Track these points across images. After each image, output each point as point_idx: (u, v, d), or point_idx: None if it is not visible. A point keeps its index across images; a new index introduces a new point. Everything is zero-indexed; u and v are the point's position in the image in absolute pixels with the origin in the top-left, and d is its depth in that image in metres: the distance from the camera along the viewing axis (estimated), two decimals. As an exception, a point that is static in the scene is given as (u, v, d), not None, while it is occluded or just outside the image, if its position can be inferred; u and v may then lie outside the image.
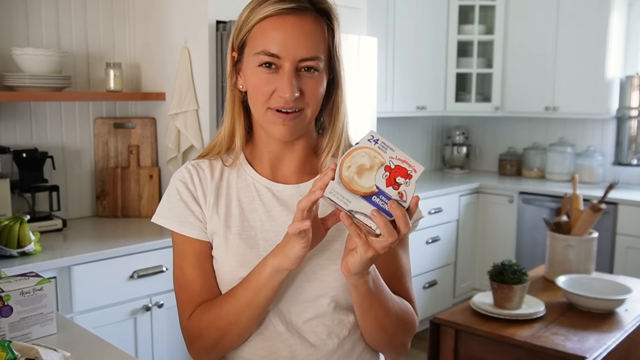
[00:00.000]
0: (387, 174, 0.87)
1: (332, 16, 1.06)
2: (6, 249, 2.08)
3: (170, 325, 2.40)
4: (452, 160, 4.75)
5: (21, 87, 2.40)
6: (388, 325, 1.09)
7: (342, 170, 0.87)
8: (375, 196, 0.87)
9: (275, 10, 1.00)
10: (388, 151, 0.88)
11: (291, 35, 1.00)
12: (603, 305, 2.13)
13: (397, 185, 0.87)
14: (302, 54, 1.01)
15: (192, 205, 1.10)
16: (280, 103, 1.02)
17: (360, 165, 0.87)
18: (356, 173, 0.87)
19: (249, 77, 1.05)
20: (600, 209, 2.39)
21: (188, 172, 1.13)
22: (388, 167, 0.87)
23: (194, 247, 1.10)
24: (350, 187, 0.87)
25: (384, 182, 0.87)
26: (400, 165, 0.88)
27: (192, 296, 1.10)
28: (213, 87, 2.59)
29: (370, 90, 3.19)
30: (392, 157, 0.88)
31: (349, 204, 0.88)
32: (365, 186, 0.87)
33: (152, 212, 2.78)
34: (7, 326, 1.26)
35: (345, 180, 0.87)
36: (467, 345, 2.05)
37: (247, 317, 1.04)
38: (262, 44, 1.01)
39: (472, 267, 4.26)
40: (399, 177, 0.88)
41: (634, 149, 4.09)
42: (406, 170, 0.88)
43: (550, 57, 4.12)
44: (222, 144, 1.15)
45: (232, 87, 1.11)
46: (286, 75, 1.00)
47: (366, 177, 0.87)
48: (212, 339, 1.08)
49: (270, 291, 1.02)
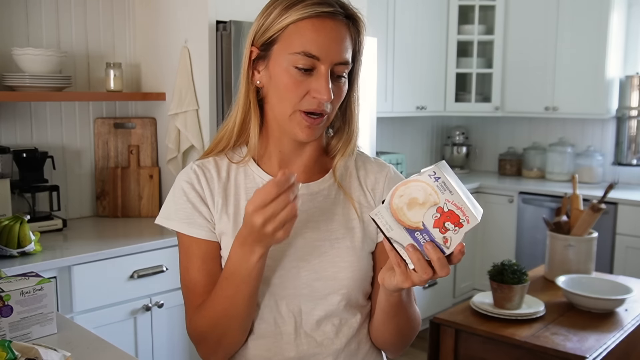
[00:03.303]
0: (437, 215, 0.84)
1: (360, 24, 1.07)
2: (6, 249, 2.08)
3: (170, 325, 2.40)
4: (452, 160, 4.75)
5: (21, 87, 2.40)
6: (406, 331, 1.10)
7: (393, 198, 0.86)
8: (419, 232, 0.85)
9: (314, 12, 1.01)
10: (446, 193, 0.83)
11: (330, 38, 1.01)
12: (603, 305, 2.13)
13: (445, 230, 0.84)
14: (339, 58, 1.02)
15: (200, 206, 1.09)
16: (314, 105, 1.02)
17: (412, 198, 0.85)
18: (407, 204, 0.85)
19: (279, 76, 1.03)
20: (600, 209, 2.39)
21: (194, 172, 1.11)
22: (441, 208, 0.84)
23: (201, 248, 1.09)
24: (397, 216, 0.86)
25: (432, 222, 0.84)
26: (454, 211, 0.83)
27: (195, 298, 1.09)
28: (213, 87, 2.59)
29: (370, 90, 3.19)
30: (448, 200, 0.84)
31: (391, 231, 0.86)
32: (412, 220, 0.85)
33: (152, 212, 2.80)
34: (7, 326, 1.26)
35: (394, 208, 0.85)
36: (467, 345, 2.05)
37: (244, 306, 1.02)
38: (300, 44, 1.01)
39: (472, 267, 4.26)
40: (449, 222, 0.84)
41: (634, 149, 4.09)
42: (459, 218, 0.84)
43: (550, 57, 4.13)
44: (229, 138, 1.13)
45: (247, 82, 1.09)
46: (323, 77, 1.01)
47: (416, 211, 0.85)
48: (216, 336, 1.06)
49: (256, 275, 0.99)
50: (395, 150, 4.32)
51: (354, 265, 1.08)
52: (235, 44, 2.51)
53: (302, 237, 1.08)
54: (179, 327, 2.42)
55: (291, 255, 1.07)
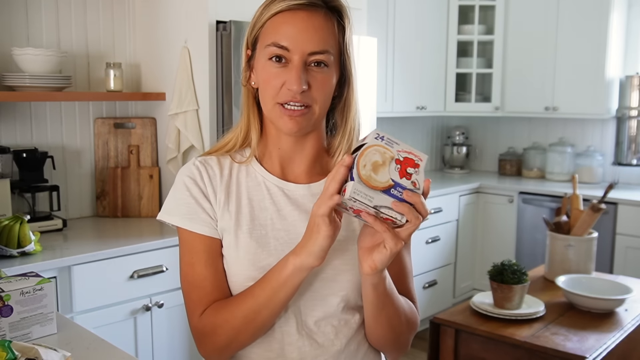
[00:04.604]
0: (398, 167, 0.92)
1: (343, 14, 1.08)
2: (6, 249, 2.08)
3: (170, 325, 2.40)
4: (452, 160, 4.75)
5: (21, 87, 2.40)
6: (397, 324, 1.10)
7: (359, 170, 0.90)
8: (393, 189, 0.91)
9: (286, 5, 1.02)
10: (394, 145, 0.92)
11: (300, 29, 1.01)
12: (603, 305, 2.13)
13: (409, 175, 0.92)
14: (311, 47, 1.02)
15: (203, 202, 1.09)
16: (288, 97, 1.02)
17: (374, 162, 0.91)
18: (372, 170, 0.90)
19: (260, 72, 1.06)
20: (600, 209, 2.39)
21: (196, 168, 1.11)
22: (398, 160, 0.92)
23: (205, 244, 1.08)
24: (370, 184, 0.90)
25: (397, 174, 0.91)
26: (407, 156, 0.92)
27: (203, 294, 1.08)
28: (213, 87, 2.59)
29: (370, 90, 3.19)
30: (399, 150, 0.92)
31: (373, 200, 0.90)
32: (382, 181, 0.91)
33: (152, 212, 2.80)
34: (7, 326, 1.26)
35: (364, 178, 0.90)
36: (467, 345, 2.05)
37: (264, 315, 1.03)
38: (272, 37, 1.03)
39: (472, 267, 4.26)
40: (409, 167, 0.92)
41: (634, 149, 4.09)
42: (413, 160, 0.92)
43: (550, 57, 4.13)
44: (235, 141, 1.14)
45: (245, 84, 1.12)
46: (294, 68, 1.01)
47: (381, 172, 0.91)
48: (226, 337, 1.06)
49: (291, 289, 1.01)
50: (395, 150, 4.32)
51: (354, 267, 1.08)
52: (235, 44, 2.51)
53: None
54: (179, 327, 2.42)
55: None
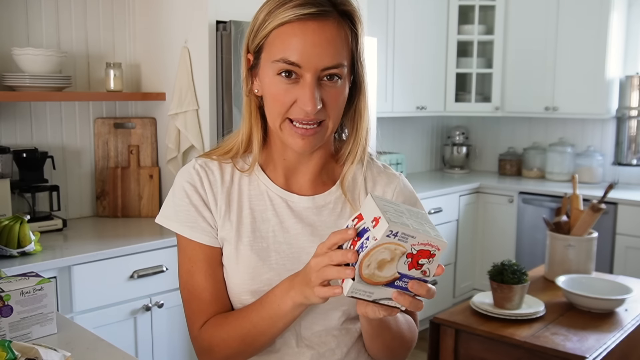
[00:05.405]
0: (409, 260, 0.82)
1: (356, 19, 0.99)
2: (6, 249, 2.08)
3: (170, 325, 2.40)
4: (452, 160, 4.75)
5: (21, 87, 2.40)
6: (393, 345, 1.08)
7: (361, 270, 0.82)
8: (398, 280, 0.84)
9: (294, 15, 0.93)
10: (409, 240, 0.80)
11: (312, 43, 0.93)
12: (603, 305, 2.13)
13: (420, 266, 0.83)
14: (324, 63, 0.94)
15: (203, 210, 1.06)
16: (301, 115, 0.96)
17: (380, 261, 0.82)
18: (376, 268, 0.82)
19: (267, 86, 0.99)
20: (600, 209, 2.39)
21: (197, 173, 1.07)
22: (410, 254, 0.82)
23: (205, 253, 1.06)
24: (372, 282, 0.83)
25: (406, 267, 0.83)
26: (422, 249, 0.82)
27: (202, 305, 1.06)
28: (213, 87, 2.59)
29: (370, 90, 3.18)
30: (413, 244, 0.81)
31: (372, 295, 0.85)
32: (387, 276, 0.83)
33: (152, 212, 2.80)
34: (7, 326, 1.26)
35: (365, 277, 0.82)
36: (467, 345, 2.04)
37: (262, 341, 1.02)
38: (280, 51, 0.95)
39: (472, 267, 4.26)
40: (422, 259, 0.82)
41: (634, 149, 4.09)
42: (429, 251, 0.82)
43: (550, 57, 4.12)
44: (240, 148, 1.09)
45: (247, 92, 1.05)
46: (308, 86, 0.94)
47: (387, 268, 0.82)
48: (223, 356, 1.05)
49: (291, 320, 0.98)
50: (395, 151, 4.32)
51: None
52: (235, 44, 2.51)
53: (306, 252, 1.05)
54: (179, 327, 2.42)
55: (294, 270, 1.03)
